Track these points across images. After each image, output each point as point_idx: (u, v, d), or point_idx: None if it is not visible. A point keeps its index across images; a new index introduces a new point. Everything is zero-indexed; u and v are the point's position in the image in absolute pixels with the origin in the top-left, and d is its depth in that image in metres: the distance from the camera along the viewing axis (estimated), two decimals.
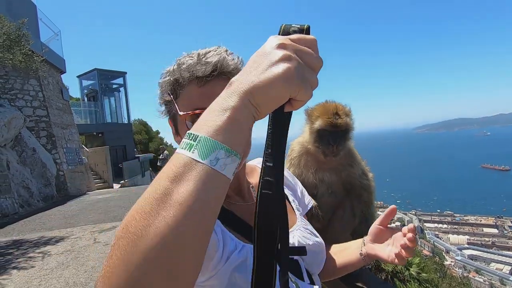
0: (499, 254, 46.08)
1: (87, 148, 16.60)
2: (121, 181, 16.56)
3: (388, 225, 0.87)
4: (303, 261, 0.77)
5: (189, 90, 0.65)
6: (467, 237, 55.10)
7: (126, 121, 22.11)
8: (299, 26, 0.48)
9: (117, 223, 6.36)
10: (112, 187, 15.49)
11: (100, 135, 19.30)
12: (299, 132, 1.10)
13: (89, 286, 3.41)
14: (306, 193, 0.99)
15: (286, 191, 0.92)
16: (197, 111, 0.62)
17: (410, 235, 0.75)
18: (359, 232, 1.07)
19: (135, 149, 23.55)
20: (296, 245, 0.76)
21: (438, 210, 70.06)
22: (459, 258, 45.40)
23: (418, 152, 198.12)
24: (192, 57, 0.66)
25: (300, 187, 0.99)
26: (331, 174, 1.06)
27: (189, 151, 0.39)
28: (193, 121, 0.63)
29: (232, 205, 0.73)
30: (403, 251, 0.76)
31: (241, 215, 0.70)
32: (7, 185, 8.05)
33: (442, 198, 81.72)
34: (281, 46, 0.42)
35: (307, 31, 0.47)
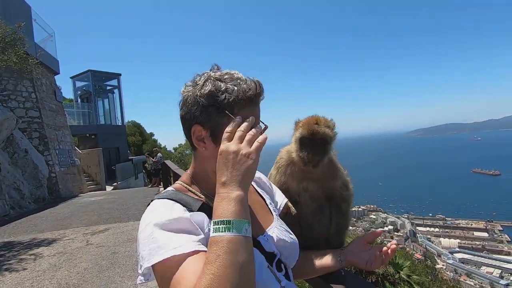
0: (489, 258, 46.70)
1: (79, 149, 16.46)
2: (114, 183, 16.44)
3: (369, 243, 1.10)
4: (281, 254, 0.88)
5: (247, 109, 0.78)
6: (458, 240, 55.75)
7: (119, 123, 21.99)
8: None
9: (110, 225, 6.36)
10: (105, 189, 15.36)
11: (93, 136, 19.15)
12: (290, 141, 1.19)
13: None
14: (280, 195, 1.10)
15: (264, 194, 1.02)
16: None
17: (392, 249, 1.00)
18: (330, 239, 1.18)
19: (128, 151, 23.41)
20: (275, 240, 0.87)
21: (430, 214, 70.83)
22: (450, 261, 45.90)
23: (411, 156, 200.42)
24: (246, 85, 0.78)
25: (276, 190, 1.10)
26: (314, 184, 1.13)
27: (230, 231, 0.62)
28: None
29: None
30: (379, 260, 1.01)
31: None
32: None
33: (434, 202, 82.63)
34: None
35: None
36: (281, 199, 1.08)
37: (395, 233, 59.30)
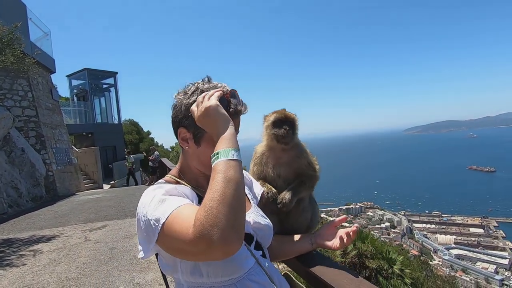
0: (485, 254, 47.30)
1: (76, 148, 16.46)
2: (111, 182, 16.48)
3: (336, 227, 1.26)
4: (257, 235, 1.02)
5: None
6: (454, 237, 56.35)
7: (116, 121, 21.97)
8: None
9: (108, 222, 6.45)
10: (102, 188, 15.41)
11: (90, 135, 19.14)
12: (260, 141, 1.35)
13: (81, 281, 3.52)
14: (258, 186, 1.24)
15: None
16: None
17: (353, 231, 1.17)
18: (310, 224, 1.38)
19: (125, 150, 23.41)
20: (251, 223, 1.01)
21: (427, 211, 71.46)
22: (446, 257, 46.44)
23: (407, 153, 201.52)
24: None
25: (254, 183, 1.24)
26: (285, 168, 1.30)
27: (218, 159, 0.79)
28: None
29: (203, 193, 0.94)
30: (344, 240, 1.17)
31: None
32: None
33: (431, 199, 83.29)
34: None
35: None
36: (259, 190, 1.22)
37: (392, 229, 59.82)
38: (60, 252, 4.61)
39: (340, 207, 73.79)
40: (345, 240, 1.17)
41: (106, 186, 15.85)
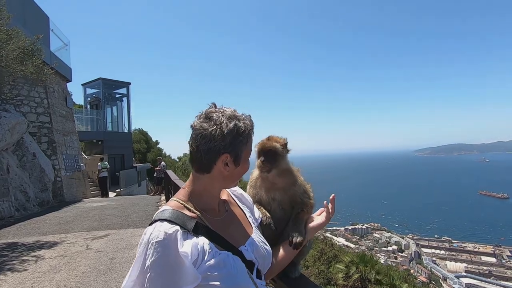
0: (497, 284, 45.08)
1: (86, 155, 16.77)
2: (117, 190, 16.62)
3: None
4: (258, 263, 1.03)
5: (252, 139, 1.04)
6: (465, 264, 54.10)
7: (126, 130, 22.39)
8: None
9: (110, 231, 6.48)
10: (108, 196, 15.54)
11: (99, 142, 19.52)
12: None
13: None
14: (257, 210, 1.28)
15: (244, 208, 1.20)
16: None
17: (331, 200, 1.28)
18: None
19: (133, 158, 23.71)
20: (254, 250, 1.03)
21: (436, 236, 69.09)
22: (456, 286, 44.45)
23: (416, 175, 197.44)
24: (251, 121, 1.05)
25: (252, 205, 1.27)
26: (280, 193, 1.33)
27: None
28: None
29: (209, 219, 1.00)
30: (330, 209, 1.28)
31: (216, 229, 0.98)
32: (5, 188, 8.20)
33: (440, 223, 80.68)
34: None
35: None
36: (258, 214, 1.26)
37: (399, 253, 57.89)
38: (61, 259, 4.65)
39: (346, 227, 72.11)
40: (330, 209, 1.28)
41: (112, 194, 15.97)
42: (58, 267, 4.31)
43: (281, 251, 1.27)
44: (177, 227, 0.88)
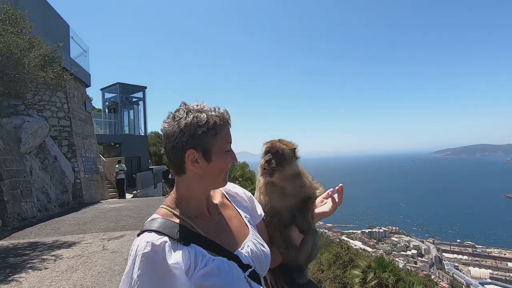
0: None
1: (104, 157, 17.27)
2: (134, 192, 17.00)
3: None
4: (255, 265, 0.97)
5: (225, 130, 0.95)
6: (490, 271, 51.55)
7: (142, 133, 22.93)
8: None
9: (125, 232, 6.61)
10: (125, 197, 15.92)
11: (117, 145, 20.07)
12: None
13: None
14: (258, 205, 1.21)
15: (239, 209, 1.12)
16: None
17: (339, 187, 1.22)
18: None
19: (149, 161, 24.22)
20: (250, 253, 0.97)
21: (458, 240, 66.27)
22: None
23: (436, 177, 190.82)
24: (220, 112, 0.96)
25: (252, 201, 1.20)
26: (290, 198, 1.26)
27: None
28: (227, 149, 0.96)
29: (200, 224, 0.94)
30: (336, 199, 1.22)
31: (208, 234, 0.92)
32: (28, 190, 8.56)
33: (463, 227, 77.35)
34: None
35: None
36: (260, 210, 1.20)
37: (419, 258, 55.97)
38: (79, 259, 4.77)
39: (363, 230, 70.53)
40: (336, 199, 1.21)
41: (128, 196, 16.36)
42: (75, 266, 4.43)
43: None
44: (165, 238, 0.83)
